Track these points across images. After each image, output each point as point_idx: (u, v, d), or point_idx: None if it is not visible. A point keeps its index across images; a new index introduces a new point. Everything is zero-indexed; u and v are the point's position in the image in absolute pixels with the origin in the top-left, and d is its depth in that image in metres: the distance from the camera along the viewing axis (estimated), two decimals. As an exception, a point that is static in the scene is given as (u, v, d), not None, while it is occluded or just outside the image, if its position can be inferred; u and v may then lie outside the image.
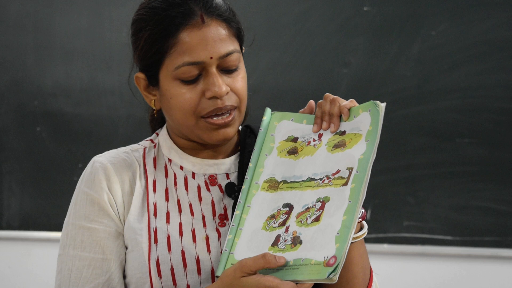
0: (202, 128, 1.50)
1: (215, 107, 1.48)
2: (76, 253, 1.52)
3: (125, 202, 1.52)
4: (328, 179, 1.41)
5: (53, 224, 3.28)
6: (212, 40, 1.48)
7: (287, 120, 1.53)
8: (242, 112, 1.53)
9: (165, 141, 1.59)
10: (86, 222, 1.52)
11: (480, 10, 3.14)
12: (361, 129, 1.44)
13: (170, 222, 1.50)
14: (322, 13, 3.20)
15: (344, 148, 1.43)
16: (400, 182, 3.17)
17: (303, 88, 3.20)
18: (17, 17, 3.32)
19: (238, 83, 1.51)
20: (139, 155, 1.58)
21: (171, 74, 1.50)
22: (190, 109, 1.49)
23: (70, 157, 3.28)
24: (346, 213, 1.35)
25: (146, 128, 1.68)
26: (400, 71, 3.17)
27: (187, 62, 1.48)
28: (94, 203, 1.52)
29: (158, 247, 1.47)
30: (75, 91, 3.29)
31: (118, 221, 1.51)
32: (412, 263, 3.19)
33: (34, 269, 3.32)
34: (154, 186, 1.54)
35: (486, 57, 3.15)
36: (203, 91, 1.48)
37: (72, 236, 1.54)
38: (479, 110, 3.15)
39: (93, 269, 1.50)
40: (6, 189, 3.32)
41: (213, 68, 1.48)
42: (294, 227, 1.38)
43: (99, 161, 1.55)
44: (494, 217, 3.14)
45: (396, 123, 3.17)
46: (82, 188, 1.54)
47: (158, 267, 1.46)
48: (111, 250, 1.50)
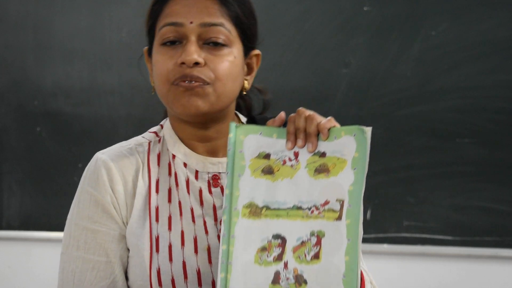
0: (172, 95, 1.48)
1: (182, 74, 1.45)
2: (80, 255, 1.50)
3: (128, 204, 1.50)
4: (317, 210, 1.34)
5: (53, 224, 3.28)
6: (197, 7, 1.47)
7: (254, 134, 1.41)
8: (220, 93, 1.47)
9: (170, 135, 1.57)
10: (89, 223, 1.50)
11: (480, 10, 3.14)
12: (345, 153, 1.35)
13: (172, 229, 1.47)
14: (322, 13, 3.20)
15: (328, 174, 1.35)
16: (400, 182, 3.17)
17: (303, 88, 3.20)
18: (17, 17, 3.32)
19: (219, 62, 1.47)
20: (143, 150, 1.55)
21: (157, 39, 1.50)
22: (164, 74, 1.47)
23: (70, 157, 3.28)
24: (347, 253, 1.30)
25: (146, 128, 1.68)
26: (400, 71, 3.17)
27: (167, 23, 1.48)
28: (98, 204, 1.49)
29: (160, 256, 1.45)
30: (75, 91, 3.29)
31: (121, 223, 1.49)
32: (412, 263, 3.19)
33: (34, 269, 3.32)
34: (157, 187, 1.51)
35: (486, 57, 3.15)
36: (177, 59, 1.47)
37: (75, 237, 1.51)
38: (479, 110, 3.15)
39: (97, 272, 1.48)
40: (6, 189, 3.32)
41: (192, 36, 1.46)
42: (293, 264, 1.33)
43: (102, 159, 1.52)
44: (494, 217, 3.14)
45: (396, 123, 3.17)
46: (85, 187, 1.52)
47: (159, 277, 1.44)
48: (115, 254, 1.49)
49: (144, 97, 3.23)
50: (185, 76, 1.45)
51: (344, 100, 3.19)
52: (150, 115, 3.20)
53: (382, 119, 3.17)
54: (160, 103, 1.61)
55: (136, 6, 3.26)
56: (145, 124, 1.66)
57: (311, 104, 3.55)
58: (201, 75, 1.46)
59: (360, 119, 3.18)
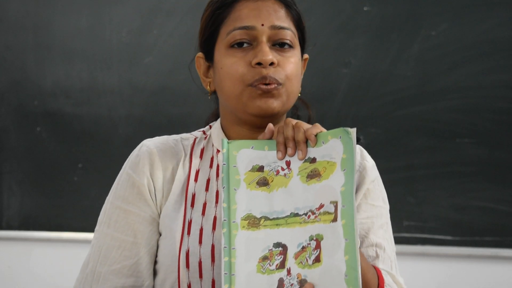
0: (247, 96, 1.51)
1: (261, 75, 1.49)
2: (109, 232, 1.55)
3: (165, 189, 1.55)
4: (313, 215, 1.37)
5: (53, 224, 3.28)
6: (266, 11, 1.53)
7: (246, 148, 1.46)
8: (289, 93, 1.55)
9: (217, 134, 1.60)
10: (123, 203, 1.55)
11: (480, 10, 3.14)
12: (334, 156, 1.39)
13: (206, 214, 1.52)
14: (322, 13, 3.20)
15: (320, 178, 1.39)
16: (400, 182, 3.17)
17: (303, 88, 3.19)
18: (17, 17, 3.32)
19: (288, 63, 1.53)
20: (188, 144, 1.60)
21: (224, 43, 1.53)
22: (238, 76, 1.50)
23: (70, 157, 3.28)
24: (346, 253, 1.32)
25: (146, 128, 1.68)
26: (400, 71, 3.17)
27: (238, 27, 1.52)
28: (134, 186, 1.55)
29: (190, 238, 1.49)
30: (75, 91, 3.29)
31: (154, 207, 1.54)
32: (412, 263, 3.19)
33: (34, 269, 3.32)
34: (196, 176, 1.56)
35: (486, 57, 3.15)
36: (251, 60, 1.51)
37: (108, 215, 1.56)
38: (479, 110, 3.15)
39: (123, 251, 1.54)
40: (6, 189, 3.32)
41: (263, 37, 1.51)
42: (296, 269, 1.36)
43: (147, 145, 1.58)
44: (494, 217, 3.14)
45: (396, 123, 3.17)
46: (126, 169, 1.57)
47: (187, 259, 1.48)
48: (142, 235, 1.53)
49: (144, 97, 3.23)
50: (265, 78, 1.50)
51: (344, 100, 3.19)
52: (150, 115, 3.20)
53: (382, 119, 3.17)
54: (160, 104, 1.61)
55: (136, 6, 3.26)
56: (145, 124, 1.67)
57: (311, 104, 3.54)
58: (276, 75, 1.51)
59: (360, 119, 3.18)
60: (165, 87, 3.21)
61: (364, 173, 1.61)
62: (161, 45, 3.25)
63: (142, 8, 3.27)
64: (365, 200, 1.59)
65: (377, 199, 1.61)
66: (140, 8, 3.26)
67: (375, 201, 1.61)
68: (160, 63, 3.25)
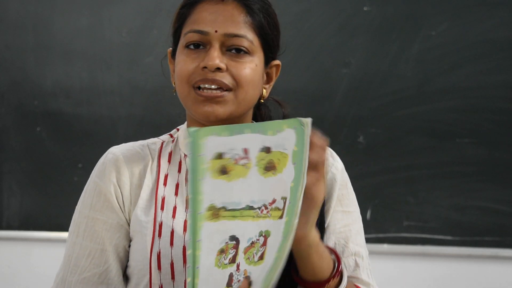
0: (192, 99, 1.51)
1: (203, 77, 1.49)
2: (78, 241, 1.56)
3: (132, 195, 1.55)
4: (266, 209, 1.32)
5: (53, 224, 3.28)
6: (223, 16, 1.51)
7: (211, 135, 1.36)
8: (240, 99, 1.51)
9: (184, 136, 1.61)
10: (91, 211, 1.55)
11: (480, 10, 3.14)
12: (286, 147, 1.32)
13: (176, 217, 1.52)
14: (322, 13, 3.20)
15: (275, 172, 1.32)
16: (400, 182, 3.17)
17: (303, 88, 3.20)
18: (17, 17, 3.32)
19: (241, 68, 1.51)
20: (155, 148, 1.60)
21: (181, 42, 1.53)
22: (185, 76, 1.51)
23: (70, 157, 3.28)
24: (278, 250, 1.27)
25: (146, 128, 1.69)
26: (400, 71, 3.17)
27: (193, 30, 1.51)
28: (101, 194, 1.55)
29: (161, 240, 1.49)
30: (75, 91, 3.29)
31: (121, 214, 1.54)
32: (412, 263, 3.19)
33: (34, 269, 3.31)
34: (165, 180, 1.56)
35: (486, 57, 3.15)
36: (200, 63, 1.50)
37: (77, 224, 1.57)
38: (479, 110, 3.15)
39: (92, 259, 1.54)
40: (6, 189, 3.32)
41: (216, 43, 1.50)
42: (244, 265, 1.31)
43: (112, 152, 1.58)
44: (494, 217, 3.14)
45: (396, 123, 3.17)
46: (93, 178, 1.58)
47: (158, 260, 1.48)
48: (110, 242, 1.54)
49: (144, 97, 3.23)
50: (207, 80, 1.49)
51: (344, 100, 3.19)
52: (150, 115, 3.20)
53: (382, 119, 3.17)
54: (160, 104, 1.61)
55: (136, 6, 3.26)
56: (145, 124, 1.67)
57: (311, 104, 3.56)
58: (222, 79, 1.49)
59: (360, 119, 3.18)
60: (165, 87, 3.21)
61: (336, 177, 1.59)
62: (161, 45, 3.25)
63: (142, 8, 3.27)
64: (340, 207, 1.58)
65: (351, 205, 1.60)
66: (140, 8, 3.26)
67: (349, 207, 1.59)
68: (160, 63, 3.24)
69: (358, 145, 3.17)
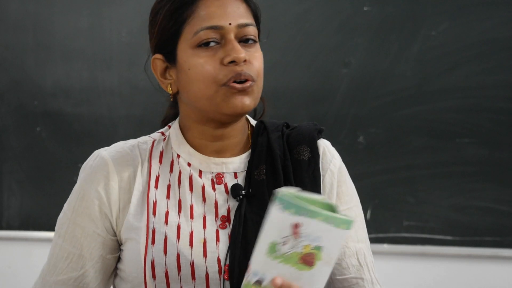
0: (222, 95, 1.46)
1: (235, 72, 1.45)
2: (59, 242, 1.56)
3: (121, 199, 1.52)
4: None
5: (53, 224, 3.24)
6: (231, 8, 1.48)
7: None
8: (259, 89, 1.50)
9: (176, 135, 1.57)
10: (73, 215, 1.56)
11: (480, 10, 3.14)
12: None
13: (169, 222, 1.49)
14: (322, 13, 3.20)
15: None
16: (400, 182, 3.17)
17: (303, 88, 3.20)
18: (17, 17, 3.32)
19: (257, 59, 1.49)
20: (146, 148, 1.56)
21: (189, 43, 1.48)
22: (211, 77, 1.46)
23: (70, 157, 3.28)
24: None
25: (146, 128, 1.68)
26: (400, 71, 3.17)
27: (205, 27, 1.47)
28: (83, 199, 1.54)
29: (155, 248, 1.47)
30: (75, 91, 3.29)
31: (99, 223, 1.52)
32: (412, 263, 3.19)
33: (34, 269, 3.30)
34: (156, 183, 1.53)
35: (486, 57, 3.15)
36: (222, 59, 1.46)
37: (61, 224, 1.58)
38: (479, 110, 3.15)
39: (70, 262, 1.54)
40: (6, 189, 3.32)
41: (231, 35, 1.47)
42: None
43: (101, 155, 1.56)
44: (494, 217, 3.14)
45: (396, 123, 3.17)
46: (81, 180, 1.56)
47: (153, 269, 1.46)
48: (87, 249, 1.53)
49: (144, 97, 3.23)
50: (239, 76, 1.46)
51: (344, 100, 3.19)
52: (150, 115, 3.20)
53: (382, 119, 3.17)
54: (160, 104, 1.61)
55: (136, 6, 3.26)
56: (145, 124, 1.67)
57: (311, 104, 3.56)
58: (248, 72, 1.47)
59: (360, 119, 3.18)
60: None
61: (334, 175, 1.56)
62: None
63: (142, 8, 3.26)
64: (340, 204, 1.55)
65: (351, 200, 1.58)
66: (140, 8, 3.26)
67: (349, 203, 1.57)
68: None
69: (358, 145, 3.17)
